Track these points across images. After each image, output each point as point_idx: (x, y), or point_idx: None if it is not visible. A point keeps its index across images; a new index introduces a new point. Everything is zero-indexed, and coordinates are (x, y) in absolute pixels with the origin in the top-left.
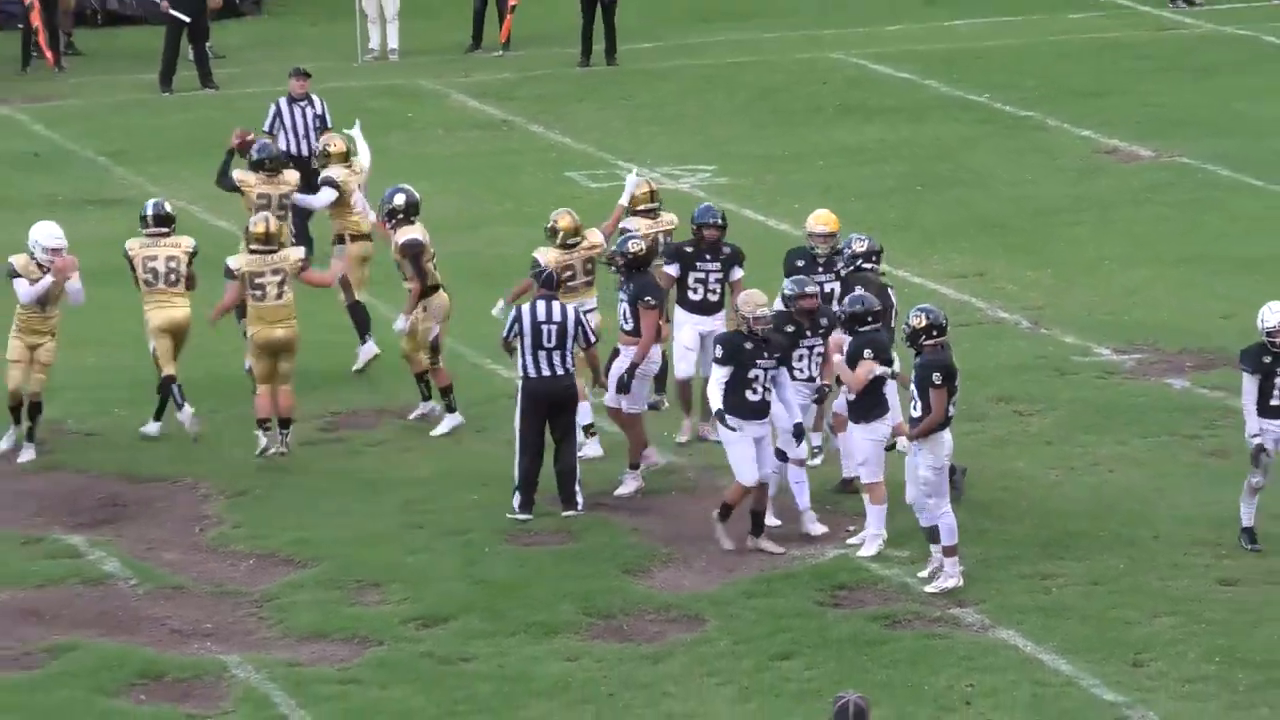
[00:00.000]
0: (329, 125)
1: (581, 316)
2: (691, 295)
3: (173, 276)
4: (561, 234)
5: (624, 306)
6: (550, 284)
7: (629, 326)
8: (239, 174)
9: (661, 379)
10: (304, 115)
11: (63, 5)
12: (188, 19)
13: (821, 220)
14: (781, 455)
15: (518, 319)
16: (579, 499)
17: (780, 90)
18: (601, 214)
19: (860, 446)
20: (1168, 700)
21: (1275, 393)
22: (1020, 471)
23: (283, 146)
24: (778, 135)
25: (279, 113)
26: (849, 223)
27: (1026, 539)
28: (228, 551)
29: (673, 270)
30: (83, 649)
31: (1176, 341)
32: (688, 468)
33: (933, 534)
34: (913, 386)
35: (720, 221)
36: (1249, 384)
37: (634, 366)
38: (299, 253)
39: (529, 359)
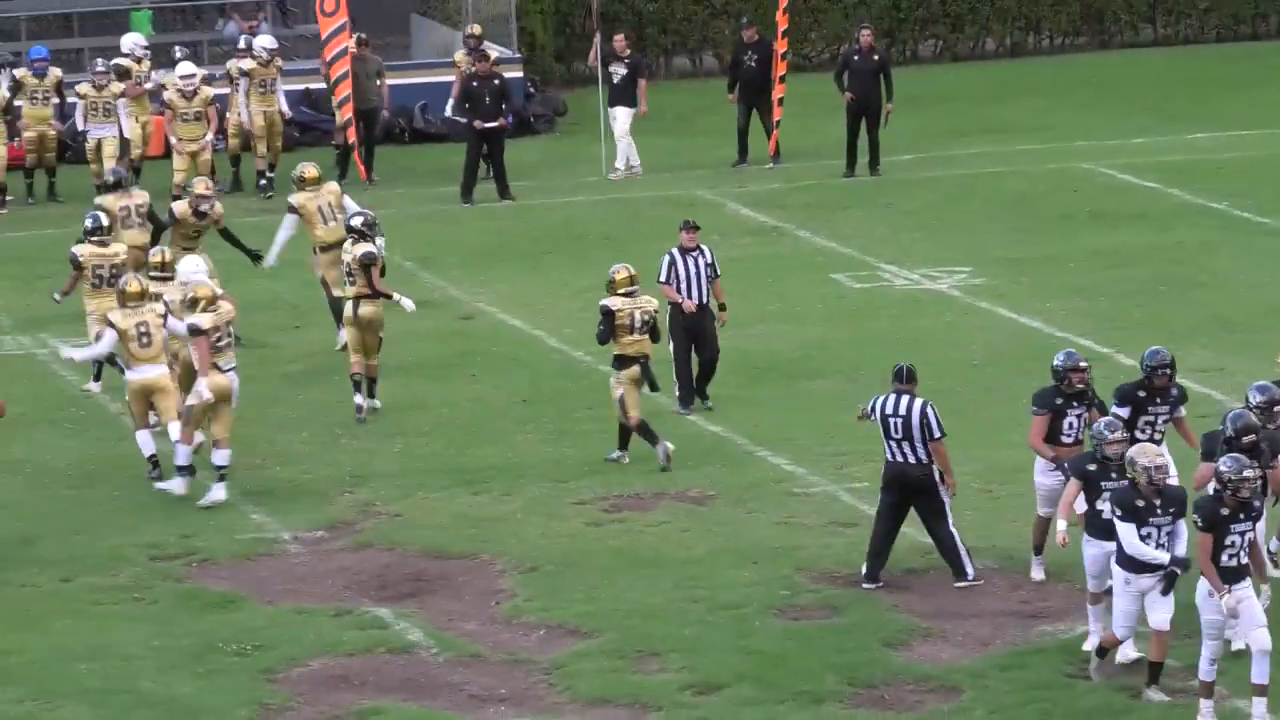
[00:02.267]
0: (718, 274)
1: (929, 411)
2: (1139, 435)
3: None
4: (619, 284)
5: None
6: (901, 378)
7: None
8: (99, 200)
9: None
10: (696, 264)
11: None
12: (491, 124)
13: None
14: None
15: (873, 409)
16: (968, 569)
17: (1034, 198)
18: (866, 311)
19: None
20: None
21: None
22: None
23: (679, 296)
24: (1031, 239)
25: (673, 262)
26: (1095, 319)
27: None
28: (520, 623)
29: (1123, 413)
30: (388, 713)
31: None
32: (922, 550)
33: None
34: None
35: (1171, 370)
36: None
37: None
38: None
39: (885, 444)
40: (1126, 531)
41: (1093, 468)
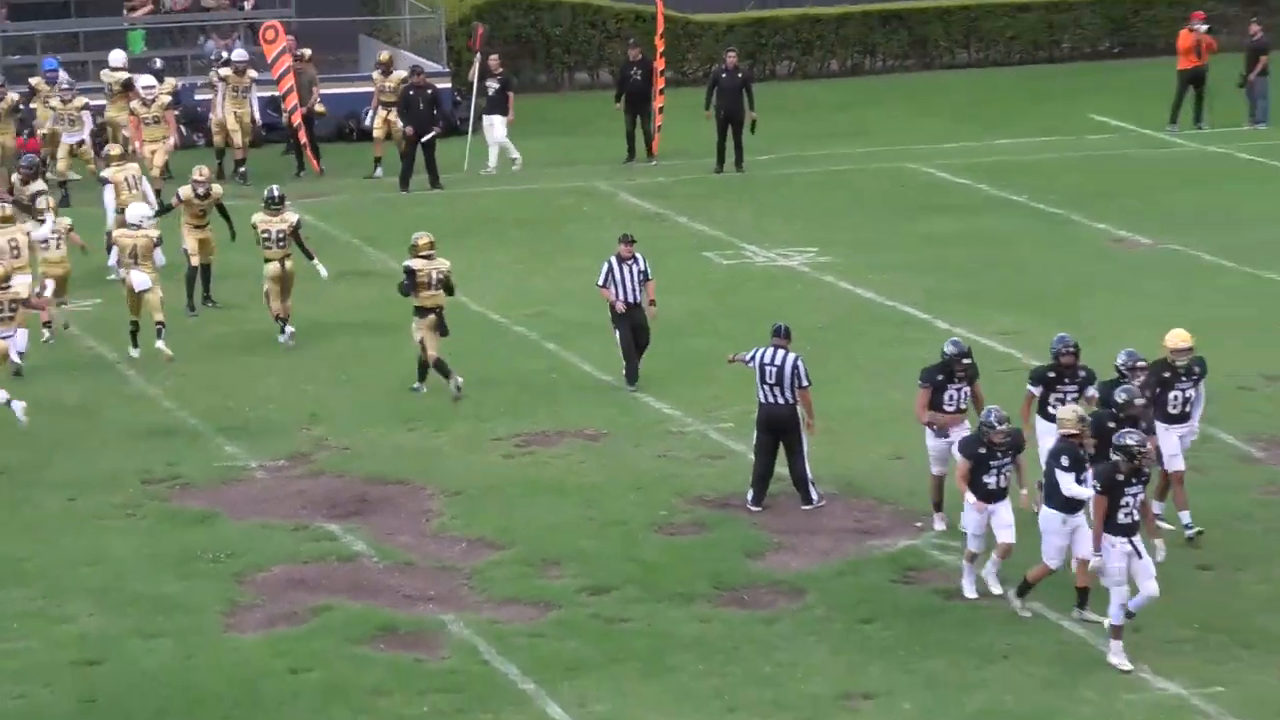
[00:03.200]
0: (650, 278)
1: (799, 364)
2: (1050, 410)
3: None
4: (420, 248)
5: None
6: (779, 334)
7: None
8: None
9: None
10: (630, 271)
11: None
12: (425, 136)
13: (1181, 338)
14: None
15: (754, 358)
16: (813, 495)
17: (870, 192)
18: (731, 283)
19: None
20: (1153, 657)
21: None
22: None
23: (613, 296)
24: (867, 225)
25: (611, 270)
26: (919, 291)
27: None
28: (447, 537)
29: (1036, 390)
30: (337, 609)
31: None
32: (784, 479)
33: None
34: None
35: (1074, 350)
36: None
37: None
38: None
39: (759, 389)
40: (1067, 480)
41: (982, 451)
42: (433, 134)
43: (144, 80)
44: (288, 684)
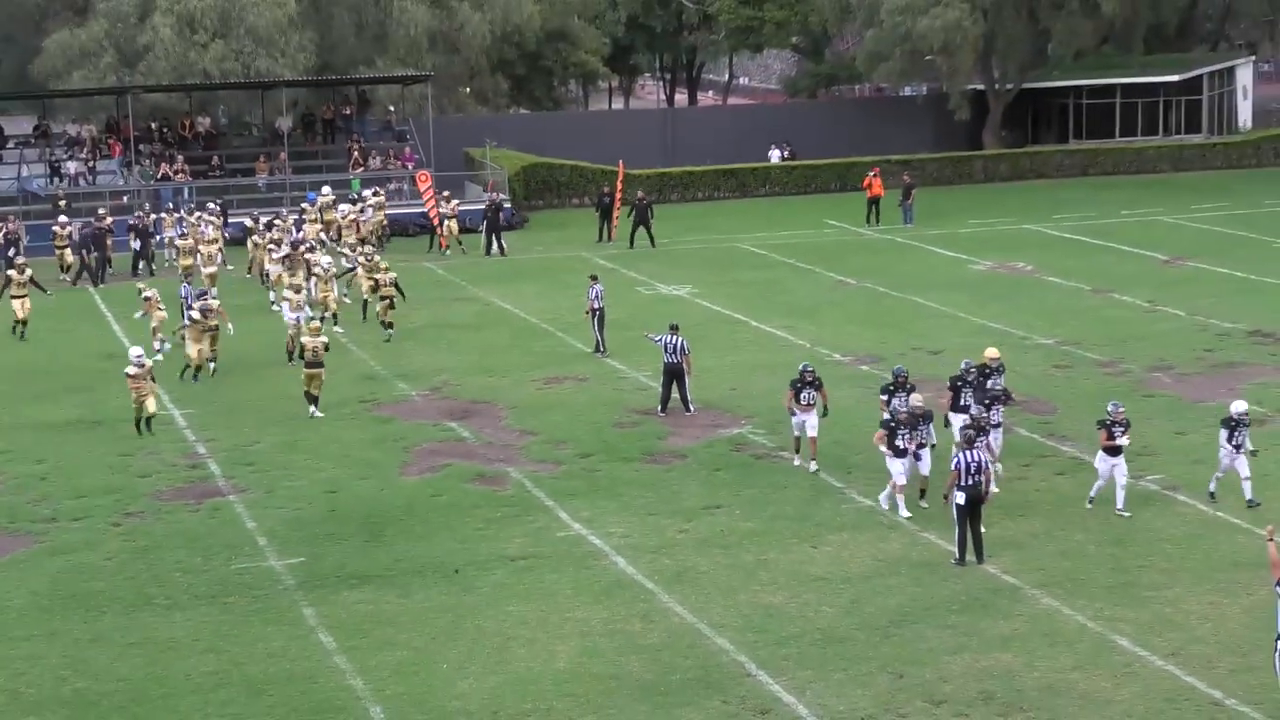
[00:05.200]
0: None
1: (685, 343)
2: (896, 401)
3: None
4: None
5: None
6: (673, 327)
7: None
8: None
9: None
10: (594, 292)
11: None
12: (500, 227)
13: (993, 353)
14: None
15: (661, 339)
16: (691, 408)
17: (720, 257)
18: (649, 302)
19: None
20: (865, 487)
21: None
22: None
23: (587, 304)
24: (718, 274)
25: (588, 293)
26: (745, 306)
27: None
28: (509, 429)
29: (885, 398)
30: (455, 465)
31: (866, 352)
32: (678, 401)
33: None
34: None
35: (905, 375)
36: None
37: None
38: None
39: (664, 355)
40: (888, 435)
41: (893, 424)
42: (504, 228)
43: (343, 207)
44: (430, 502)
